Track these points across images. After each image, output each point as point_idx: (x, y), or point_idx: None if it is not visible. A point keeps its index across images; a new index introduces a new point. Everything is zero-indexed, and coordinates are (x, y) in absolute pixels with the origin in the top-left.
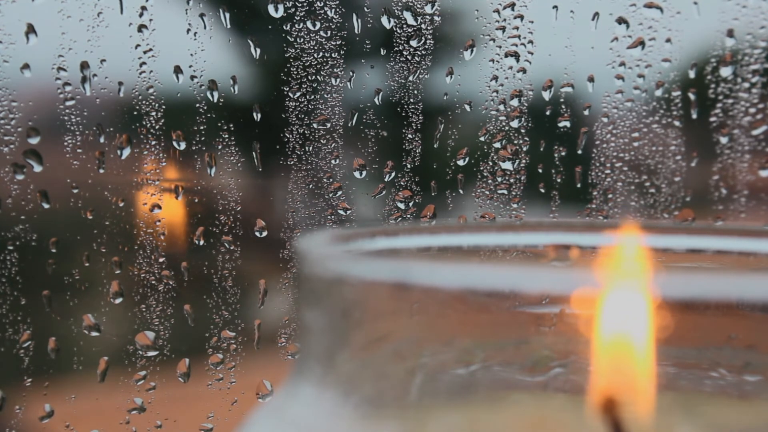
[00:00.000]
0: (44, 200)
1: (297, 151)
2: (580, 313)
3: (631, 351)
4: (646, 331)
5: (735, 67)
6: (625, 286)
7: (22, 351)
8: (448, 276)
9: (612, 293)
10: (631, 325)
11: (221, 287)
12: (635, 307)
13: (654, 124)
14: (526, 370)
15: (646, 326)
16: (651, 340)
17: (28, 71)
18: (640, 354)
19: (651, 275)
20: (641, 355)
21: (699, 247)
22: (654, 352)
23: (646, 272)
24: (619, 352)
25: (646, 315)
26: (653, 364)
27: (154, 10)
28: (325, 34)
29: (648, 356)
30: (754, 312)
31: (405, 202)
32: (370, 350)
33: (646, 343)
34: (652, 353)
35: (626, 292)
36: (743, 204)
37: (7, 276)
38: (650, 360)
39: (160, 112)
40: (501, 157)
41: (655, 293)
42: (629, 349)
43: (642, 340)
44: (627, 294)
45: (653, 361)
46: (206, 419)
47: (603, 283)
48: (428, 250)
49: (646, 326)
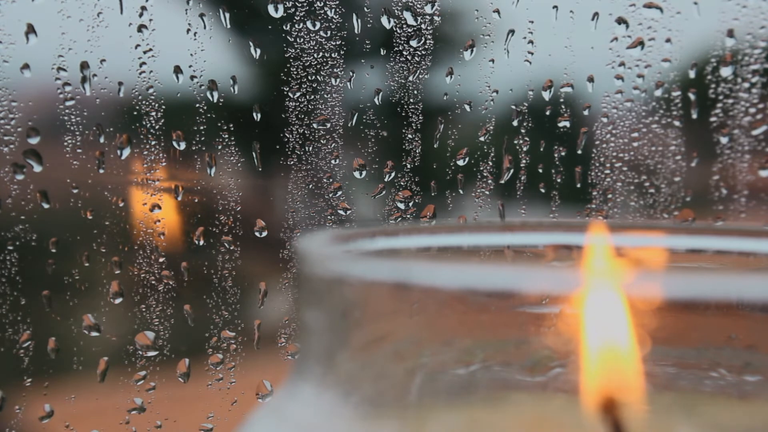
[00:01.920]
0: (44, 200)
1: (297, 151)
2: (580, 313)
3: (630, 351)
4: (646, 331)
5: (735, 67)
6: (624, 286)
7: (22, 351)
8: (448, 276)
9: (612, 293)
10: (631, 325)
11: (221, 287)
12: (635, 307)
13: (654, 124)
14: (526, 370)
15: (645, 326)
16: (650, 340)
17: (28, 71)
18: (640, 354)
19: (651, 275)
20: (641, 355)
21: (699, 247)
22: (653, 352)
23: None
24: (619, 352)
25: (646, 315)
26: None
27: (154, 10)
28: (325, 34)
29: (647, 356)
30: (754, 312)
31: (405, 202)
32: (370, 350)
33: (645, 343)
34: (652, 353)
35: (626, 292)
36: (743, 204)
37: (7, 276)
38: (650, 360)
39: (160, 112)
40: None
41: (654, 293)
42: (629, 350)
43: (642, 340)
44: (627, 294)
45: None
46: (206, 419)
47: (603, 283)
48: (428, 250)
49: (646, 326)
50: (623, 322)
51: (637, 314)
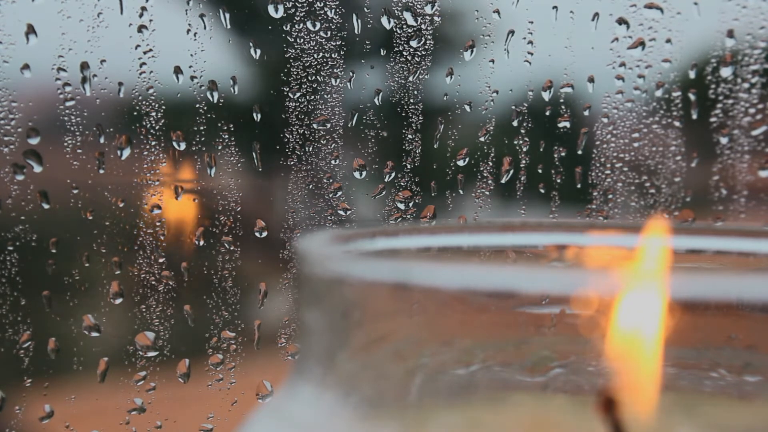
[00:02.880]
0: (44, 200)
1: (297, 151)
2: (580, 313)
3: (629, 351)
4: (646, 331)
5: (735, 68)
6: (624, 287)
7: (22, 351)
8: (448, 276)
9: (612, 293)
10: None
11: (221, 287)
12: (635, 306)
13: (654, 125)
14: (526, 371)
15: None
16: (650, 339)
17: (28, 71)
18: (639, 354)
19: (651, 275)
20: (640, 355)
21: (699, 247)
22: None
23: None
24: (618, 352)
25: (646, 315)
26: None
27: (154, 10)
28: (325, 35)
29: (646, 356)
30: (754, 312)
31: (405, 202)
32: (370, 350)
33: (645, 343)
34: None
35: (626, 292)
36: (743, 204)
37: (7, 276)
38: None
39: (160, 112)
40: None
41: (654, 293)
42: (628, 349)
43: (641, 340)
44: (626, 294)
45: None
46: (206, 419)
47: (603, 284)
48: (428, 250)
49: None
50: (622, 322)
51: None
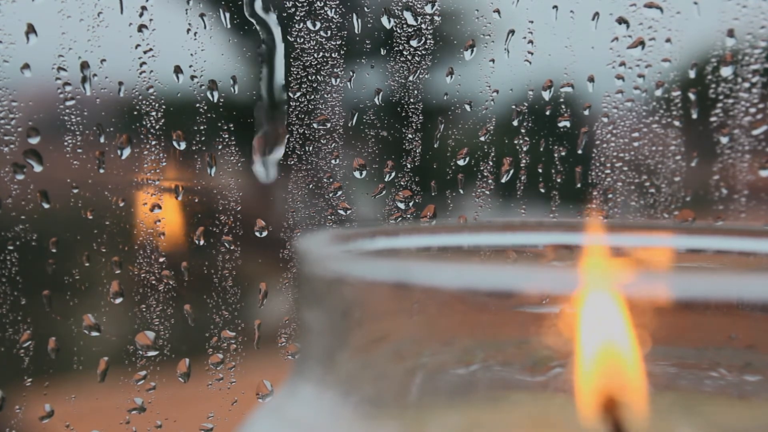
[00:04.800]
0: (44, 200)
1: (297, 151)
2: (581, 313)
3: (630, 351)
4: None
5: (735, 67)
6: (624, 286)
7: (22, 351)
8: (448, 276)
9: (611, 293)
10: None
11: (221, 287)
12: (635, 307)
13: (654, 124)
14: (526, 370)
15: (646, 326)
16: (651, 340)
17: (28, 71)
18: (640, 354)
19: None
20: (641, 355)
21: (699, 246)
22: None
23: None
24: (619, 352)
25: (646, 315)
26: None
27: (154, 10)
28: (325, 34)
29: (647, 356)
30: (754, 312)
31: (405, 202)
32: (370, 350)
33: (645, 343)
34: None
35: (626, 292)
36: (743, 204)
37: (7, 276)
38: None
39: (160, 112)
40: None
41: (654, 293)
42: (629, 349)
43: (641, 341)
44: (627, 294)
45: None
46: (206, 419)
47: (603, 283)
48: (428, 250)
49: (646, 326)
50: (623, 322)
51: (637, 314)
